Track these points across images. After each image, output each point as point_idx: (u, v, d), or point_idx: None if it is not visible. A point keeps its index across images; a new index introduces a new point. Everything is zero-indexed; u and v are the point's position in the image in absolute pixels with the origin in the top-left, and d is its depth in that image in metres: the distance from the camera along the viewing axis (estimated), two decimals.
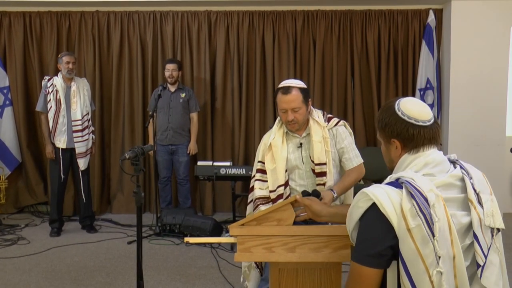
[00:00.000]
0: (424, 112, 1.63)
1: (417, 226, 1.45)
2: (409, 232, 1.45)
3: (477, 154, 5.97)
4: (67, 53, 5.28)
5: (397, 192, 1.51)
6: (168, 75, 5.53)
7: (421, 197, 1.47)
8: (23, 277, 4.19)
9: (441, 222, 1.46)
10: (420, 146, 1.60)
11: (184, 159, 5.63)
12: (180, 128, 5.60)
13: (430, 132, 1.61)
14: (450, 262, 1.46)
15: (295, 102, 2.71)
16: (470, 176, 1.61)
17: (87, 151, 5.33)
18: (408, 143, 1.61)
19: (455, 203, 1.54)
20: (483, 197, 1.58)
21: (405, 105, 1.63)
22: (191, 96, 5.68)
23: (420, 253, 1.44)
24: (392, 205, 1.48)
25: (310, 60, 6.18)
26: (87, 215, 5.50)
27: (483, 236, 1.53)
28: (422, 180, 1.51)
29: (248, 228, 2.01)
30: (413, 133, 1.60)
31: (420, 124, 1.60)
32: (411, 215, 1.46)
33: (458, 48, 5.94)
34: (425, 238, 1.45)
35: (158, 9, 6.17)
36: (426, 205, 1.46)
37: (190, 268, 4.41)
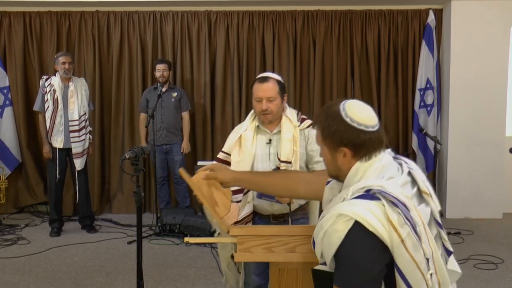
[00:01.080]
0: (372, 117, 1.56)
1: (408, 235, 1.41)
2: (402, 243, 1.40)
3: (477, 154, 5.97)
4: (63, 54, 5.27)
5: (376, 205, 1.43)
6: (159, 75, 5.53)
7: (400, 204, 1.43)
8: (23, 277, 4.19)
9: (420, 224, 1.46)
10: (372, 152, 1.54)
11: (178, 158, 5.64)
12: (173, 127, 5.62)
13: (379, 137, 1.55)
14: (431, 259, 1.46)
15: (271, 92, 2.68)
16: (412, 168, 1.61)
17: (84, 151, 5.32)
18: (360, 150, 1.53)
19: (414, 198, 1.53)
20: (426, 183, 1.58)
21: (352, 110, 1.54)
22: (183, 95, 5.69)
23: (415, 261, 1.41)
24: (378, 219, 1.41)
25: (310, 60, 6.18)
26: (86, 215, 5.50)
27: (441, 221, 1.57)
28: (391, 186, 1.47)
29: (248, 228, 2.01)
30: (364, 140, 1.52)
31: (370, 130, 1.53)
32: (400, 225, 1.41)
33: (458, 48, 5.94)
34: (415, 245, 1.42)
35: (158, 9, 6.17)
36: (407, 211, 1.43)
37: (190, 268, 4.41)
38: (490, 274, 4.26)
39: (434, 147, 5.75)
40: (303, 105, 6.25)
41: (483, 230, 5.56)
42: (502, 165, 5.99)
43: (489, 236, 5.32)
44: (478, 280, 4.14)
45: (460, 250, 4.85)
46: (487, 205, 6.00)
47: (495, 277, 4.20)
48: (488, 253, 4.76)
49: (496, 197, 6.00)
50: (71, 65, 5.24)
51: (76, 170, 5.29)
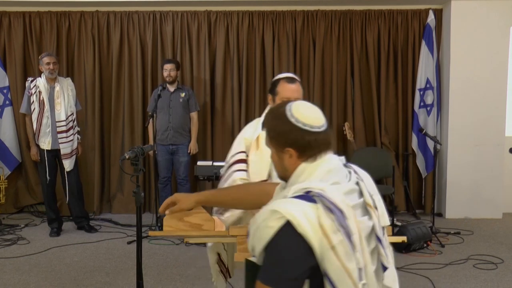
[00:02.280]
0: (318, 117, 1.54)
1: (340, 242, 1.38)
2: (332, 250, 1.37)
3: (477, 154, 5.97)
4: (47, 54, 5.22)
5: (312, 207, 1.39)
6: (166, 75, 5.53)
7: (337, 210, 1.40)
8: (23, 277, 4.19)
9: (355, 233, 1.42)
10: (317, 153, 1.51)
11: (184, 159, 5.63)
12: (181, 128, 5.60)
13: (325, 138, 1.52)
14: (363, 271, 1.43)
15: (299, 93, 2.68)
16: (361, 179, 1.56)
17: (73, 151, 5.28)
18: (305, 151, 1.51)
19: (359, 209, 1.50)
20: (376, 198, 1.54)
21: (298, 110, 1.52)
22: (191, 96, 5.67)
23: (347, 269, 1.38)
24: (309, 223, 1.37)
25: (310, 60, 6.18)
26: (80, 215, 5.48)
27: (383, 237, 1.52)
28: (333, 191, 1.44)
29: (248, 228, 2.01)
30: (309, 140, 1.49)
31: (316, 131, 1.50)
32: (332, 231, 1.37)
33: (458, 48, 5.94)
34: (348, 253, 1.39)
35: (158, 9, 6.17)
36: (343, 219, 1.40)
37: (190, 268, 4.41)
38: (490, 274, 4.25)
39: (434, 147, 5.75)
40: None
41: (483, 230, 5.55)
42: (502, 165, 6.00)
43: (489, 236, 5.32)
44: (478, 280, 4.14)
45: (459, 250, 4.86)
46: (487, 205, 6.00)
47: (495, 277, 4.20)
48: (488, 253, 4.76)
49: (496, 197, 6.00)
50: (55, 65, 5.17)
51: (66, 171, 5.25)
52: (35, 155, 5.25)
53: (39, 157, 5.24)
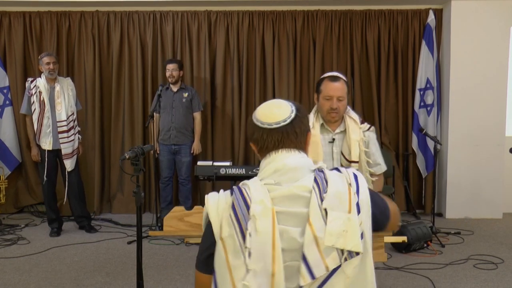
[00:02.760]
0: (272, 113, 1.49)
1: (230, 236, 1.38)
2: (221, 241, 1.39)
3: (477, 153, 5.98)
4: (46, 54, 5.21)
5: (226, 199, 1.44)
6: (169, 75, 5.53)
7: (244, 206, 1.39)
8: (23, 277, 4.19)
9: (261, 236, 1.35)
10: (267, 150, 1.49)
11: (187, 159, 5.63)
12: (184, 128, 5.60)
13: (277, 135, 1.47)
14: (268, 279, 1.36)
15: (342, 91, 2.74)
16: (324, 189, 1.41)
17: (74, 151, 5.28)
18: (258, 147, 1.51)
19: (293, 218, 1.39)
20: (332, 214, 1.37)
21: (259, 108, 1.53)
22: (194, 96, 5.67)
23: (229, 265, 1.38)
24: (217, 212, 1.43)
25: (310, 60, 6.19)
26: (81, 215, 5.48)
27: (321, 256, 1.36)
28: (257, 190, 1.41)
29: None
30: (257, 136, 1.49)
31: (265, 127, 1.47)
32: (227, 224, 1.39)
33: (458, 48, 5.94)
34: (237, 249, 1.37)
35: (158, 9, 6.17)
36: (246, 215, 1.38)
37: (190, 268, 4.41)
38: (490, 274, 4.25)
39: (434, 147, 5.74)
40: (303, 104, 6.21)
41: (483, 230, 5.55)
42: (502, 165, 5.99)
43: (489, 236, 5.32)
44: (478, 280, 4.14)
45: (460, 250, 4.86)
46: (487, 205, 6.00)
47: (495, 277, 4.20)
48: (488, 253, 4.76)
49: (496, 197, 6.00)
50: (55, 65, 5.17)
51: (67, 171, 5.25)
52: (35, 156, 5.25)
53: (40, 158, 5.24)
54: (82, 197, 5.50)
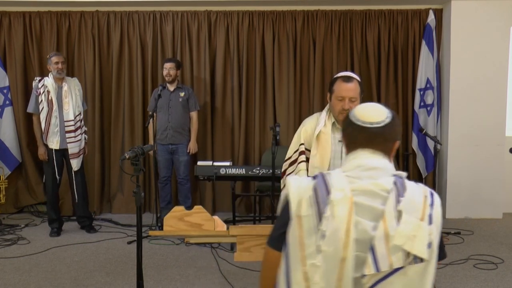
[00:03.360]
0: (371, 114, 1.58)
1: (307, 216, 1.48)
2: (298, 219, 1.49)
3: (477, 154, 5.98)
4: (55, 54, 5.23)
5: (308, 182, 1.55)
6: (166, 74, 5.53)
7: (325, 191, 1.49)
8: (23, 277, 4.19)
9: (336, 221, 1.44)
10: (357, 146, 1.58)
11: (184, 159, 5.63)
12: (180, 127, 5.60)
13: (369, 134, 1.56)
14: (337, 263, 1.44)
15: (354, 92, 2.73)
16: (401, 193, 1.48)
17: (80, 151, 5.30)
18: (347, 141, 1.62)
19: (368, 211, 1.47)
20: (405, 217, 1.45)
21: (358, 107, 1.63)
22: (191, 95, 5.67)
23: (302, 242, 1.47)
24: (298, 193, 1.53)
25: (310, 60, 6.19)
26: (84, 215, 5.49)
27: (387, 252, 1.43)
28: (339, 178, 1.52)
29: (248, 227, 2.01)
30: (348, 131, 1.60)
31: (358, 124, 1.57)
32: (307, 204, 1.49)
33: (458, 48, 5.94)
34: (311, 229, 1.47)
35: (158, 9, 6.17)
36: (325, 199, 1.48)
37: (190, 268, 4.41)
38: (490, 274, 4.25)
39: (434, 147, 5.74)
40: (303, 105, 6.26)
41: (483, 230, 5.55)
42: (502, 165, 5.99)
43: (489, 236, 5.32)
44: (478, 280, 4.14)
45: (460, 250, 4.86)
46: (487, 205, 6.00)
47: (495, 277, 4.20)
48: (488, 253, 4.76)
49: (496, 197, 6.00)
50: (64, 65, 5.20)
51: (73, 170, 5.27)
52: (43, 155, 5.26)
53: (47, 157, 5.25)
54: (86, 197, 5.52)
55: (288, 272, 1.50)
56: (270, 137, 5.92)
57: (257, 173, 4.96)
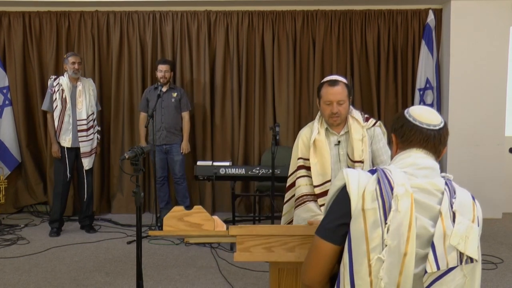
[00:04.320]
0: (428, 116, 1.64)
1: (373, 209, 1.48)
2: (363, 212, 1.48)
3: (477, 153, 5.98)
4: (73, 54, 5.33)
5: (368, 176, 1.55)
6: (161, 76, 5.53)
7: (388, 185, 1.50)
8: (23, 277, 4.19)
9: (400, 215, 1.46)
10: (412, 145, 1.62)
11: (178, 158, 5.64)
12: (173, 127, 5.61)
13: (426, 135, 1.61)
14: (399, 258, 1.46)
15: (341, 95, 2.75)
16: (452, 195, 1.55)
17: (92, 150, 5.36)
18: (400, 139, 1.64)
19: (426, 210, 1.51)
20: (459, 218, 1.51)
21: (415, 108, 1.68)
22: (183, 96, 5.69)
23: (367, 235, 1.46)
24: (358, 186, 1.53)
25: (310, 60, 6.18)
26: (87, 215, 5.50)
27: (444, 251, 1.48)
28: (398, 174, 1.53)
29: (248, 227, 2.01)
30: (405, 129, 1.62)
31: (417, 124, 1.61)
32: (371, 197, 1.49)
33: (458, 48, 5.94)
34: (376, 222, 1.47)
35: (157, 9, 6.17)
36: (389, 193, 1.49)
37: (189, 268, 4.41)
38: (490, 274, 4.26)
39: None
40: (303, 105, 6.26)
41: (482, 230, 5.49)
42: (502, 165, 6.00)
43: (488, 236, 5.32)
44: None
45: None
46: (487, 205, 5.99)
47: (494, 277, 4.21)
48: (488, 253, 4.76)
49: (496, 197, 6.00)
50: (80, 65, 5.30)
51: (84, 169, 5.32)
52: (56, 152, 5.30)
53: (60, 154, 5.27)
54: (92, 196, 5.58)
55: (351, 267, 1.49)
56: (269, 137, 5.92)
57: (257, 173, 4.96)
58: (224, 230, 2.08)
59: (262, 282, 4.06)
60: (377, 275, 1.46)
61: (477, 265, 1.53)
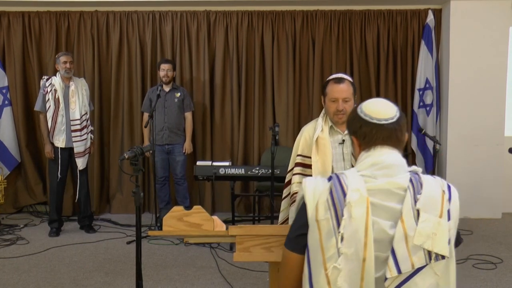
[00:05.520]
0: (383, 110, 1.57)
1: (326, 220, 1.47)
2: (317, 223, 1.48)
3: (476, 153, 5.98)
4: (64, 53, 5.29)
5: (324, 184, 1.53)
6: (163, 75, 5.53)
7: (341, 192, 1.48)
8: (22, 277, 4.19)
9: (356, 222, 1.44)
10: (372, 144, 1.56)
11: (180, 158, 5.64)
12: (176, 127, 5.61)
13: (385, 131, 1.55)
14: (359, 264, 1.44)
15: (347, 92, 2.74)
16: (418, 191, 1.48)
17: (86, 150, 5.34)
18: (362, 140, 1.58)
19: (385, 211, 1.47)
20: (423, 216, 1.45)
21: (367, 104, 1.61)
22: (186, 96, 5.68)
23: (322, 245, 1.46)
24: (313, 196, 1.52)
25: (309, 60, 6.18)
26: (85, 215, 5.50)
27: (408, 253, 1.43)
28: (354, 179, 1.50)
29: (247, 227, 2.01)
30: (365, 131, 1.57)
31: (374, 122, 1.55)
32: (324, 208, 1.48)
33: (457, 48, 5.94)
34: (330, 232, 1.46)
35: (157, 9, 6.17)
36: (342, 201, 1.46)
37: (189, 268, 4.41)
38: (489, 274, 4.26)
39: (433, 147, 5.75)
40: (302, 105, 6.26)
41: (482, 230, 5.56)
42: (501, 165, 6.00)
43: (488, 236, 5.33)
44: (477, 280, 4.14)
45: (459, 250, 4.81)
46: (486, 205, 6.00)
47: (494, 277, 4.21)
48: (487, 253, 4.76)
49: (495, 197, 6.00)
50: (72, 65, 5.26)
51: (78, 169, 5.31)
52: (49, 153, 5.28)
53: (53, 155, 5.27)
54: (89, 196, 5.56)
55: (311, 277, 1.49)
56: (269, 137, 5.92)
57: (257, 173, 4.96)
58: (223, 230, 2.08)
59: (262, 282, 4.06)
60: (335, 283, 1.45)
61: (450, 261, 1.48)
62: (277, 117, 6.18)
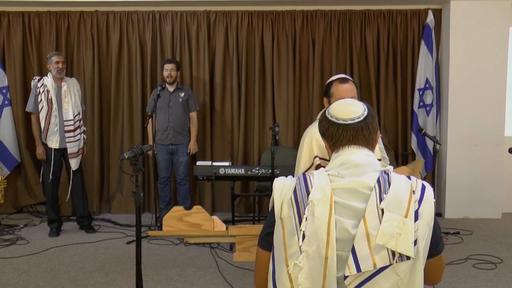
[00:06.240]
0: (347, 110, 1.57)
1: (289, 218, 1.49)
2: (281, 221, 1.50)
3: (476, 153, 5.98)
4: (56, 53, 5.26)
5: (292, 183, 1.55)
6: (167, 75, 5.53)
7: (305, 191, 1.49)
8: (22, 277, 4.19)
9: (318, 221, 1.44)
10: (340, 145, 1.57)
11: (184, 159, 5.63)
12: (180, 127, 5.60)
13: (351, 130, 1.54)
14: (321, 262, 1.44)
15: (353, 92, 2.74)
16: (385, 190, 1.46)
17: (79, 151, 5.32)
18: (331, 141, 1.59)
19: (348, 210, 1.46)
20: (387, 215, 1.43)
21: (334, 106, 1.62)
22: (190, 96, 5.68)
23: (285, 243, 1.48)
24: (280, 194, 1.54)
25: (309, 60, 6.18)
26: (83, 215, 5.49)
27: (370, 252, 1.41)
28: (320, 178, 1.51)
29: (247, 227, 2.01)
30: (332, 131, 1.57)
31: (340, 123, 1.56)
32: (287, 206, 1.50)
33: (457, 48, 5.94)
34: (292, 230, 1.47)
35: (157, 9, 6.17)
36: (305, 200, 1.48)
37: (189, 268, 4.41)
38: (489, 274, 4.26)
39: (433, 147, 5.75)
40: (302, 105, 6.26)
41: (482, 230, 5.56)
42: (501, 165, 6.00)
43: (488, 236, 5.32)
44: (477, 280, 4.14)
45: (459, 250, 4.86)
46: (486, 205, 6.00)
47: (494, 277, 4.21)
48: (487, 253, 4.76)
49: (495, 196, 6.00)
50: (64, 65, 5.23)
51: (72, 170, 5.29)
52: (41, 154, 5.27)
53: (46, 156, 5.25)
54: (85, 196, 5.53)
55: (274, 274, 1.51)
56: (269, 137, 5.92)
57: (256, 173, 4.96)
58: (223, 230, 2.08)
59: None
60: (296, 281, 1.46)
61: (417, 262, 1.44)
62: (277, 117, 6.18)
